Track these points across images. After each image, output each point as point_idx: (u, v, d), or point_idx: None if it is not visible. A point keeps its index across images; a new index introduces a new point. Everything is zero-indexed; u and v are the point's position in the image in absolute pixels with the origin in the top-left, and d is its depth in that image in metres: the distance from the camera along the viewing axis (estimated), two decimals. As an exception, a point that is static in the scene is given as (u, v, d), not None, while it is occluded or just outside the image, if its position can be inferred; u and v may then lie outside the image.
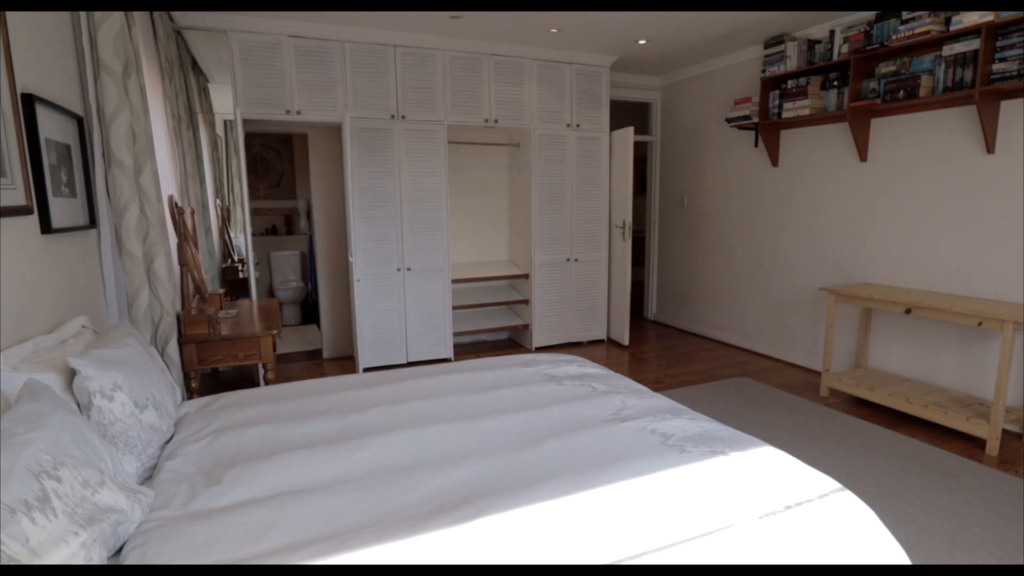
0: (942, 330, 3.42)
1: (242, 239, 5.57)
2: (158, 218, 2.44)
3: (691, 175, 5.31)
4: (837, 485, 1.33)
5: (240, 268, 5.16)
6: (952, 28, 3.05)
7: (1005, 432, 3.11)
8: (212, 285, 3.93)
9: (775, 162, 4.40)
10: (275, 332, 2.64)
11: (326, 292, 4.64)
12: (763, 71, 4.19)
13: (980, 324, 2.87)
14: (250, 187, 6.24)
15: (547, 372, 2.11)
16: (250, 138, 6.11)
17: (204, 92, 4.76)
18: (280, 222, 6.51)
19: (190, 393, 2.60)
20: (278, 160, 6.38)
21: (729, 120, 4.46)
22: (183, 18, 3.54)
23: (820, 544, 1.15)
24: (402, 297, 4.33)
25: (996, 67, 2.93)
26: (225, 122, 5.97)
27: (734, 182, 4.83)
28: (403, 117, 4.14)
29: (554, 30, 3.99)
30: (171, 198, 2.92)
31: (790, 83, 4.01)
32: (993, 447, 2.87)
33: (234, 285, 4.82)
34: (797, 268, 4.33)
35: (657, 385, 3.92)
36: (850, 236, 3.92)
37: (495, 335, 5.26)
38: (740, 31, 4.06)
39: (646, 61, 4.90)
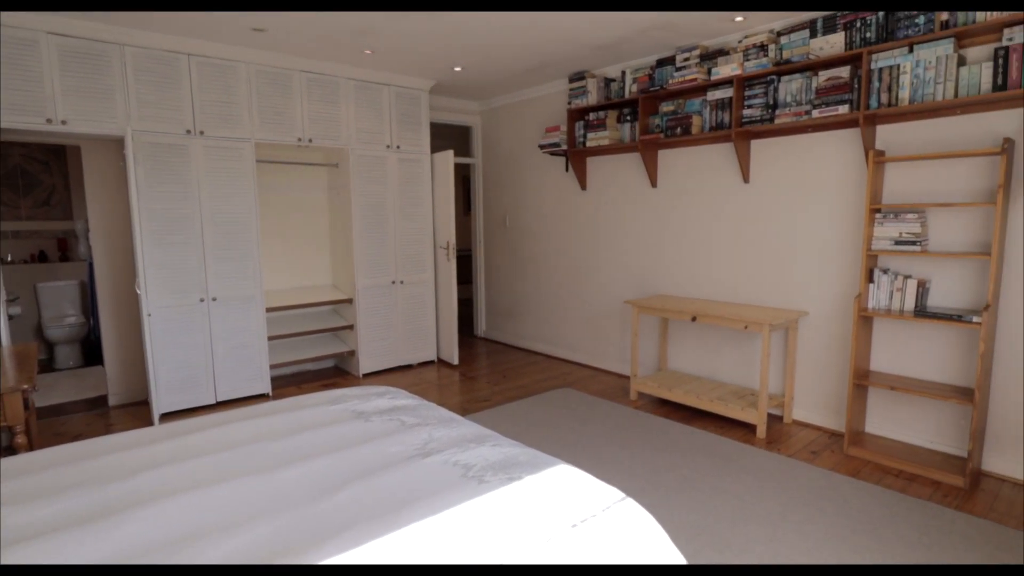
0: (720, 333, 3.96)
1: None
2: None
3: (512, 197, 5.56)
4: (620, 495, 1.45)
5: (-9, 305, 4.24)
6: (713, 78, 3.57)
7: (770, 416, 3.68)
8: (-56, 330, 3.18)
9: (584, 186, 4.78)
10: (25, 387, 2.19)
11: (111, 328, 4.02)
12: (569, 103, 4.54)
13: (746, 327, 3.37)
14: (8, 205, 5.21)
15: (356, 408, 2.02)
16: (7, 147, 5.12)
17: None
18: (51, 247, 5.52)
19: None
20: (46, 174, 5.42)
21: (541, 146, 4.76)
22: None
23: (603, 557, 1.24)
24: (207, 330, 3.90)
25: (746, 112, 3.50)
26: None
27: (549, 204, 5.15)
28: (201, 133, 3.76)
29: (368, 51, 3.92)
30: None
31: (591, 115, 4.39)
32: (762, 430, 3.38)
33: (-19, 327, 3.95)
34: (608, 283, 4.73)
35: (484, 403, 4.00)
36: (648, 253, 4.39)
37: (320, 364, 4.98)
38: (546, 66, 4.35)
39: (465, 87, 5.04)
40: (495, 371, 4.84)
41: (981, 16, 2.64)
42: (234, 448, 1.70)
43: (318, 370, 4.92)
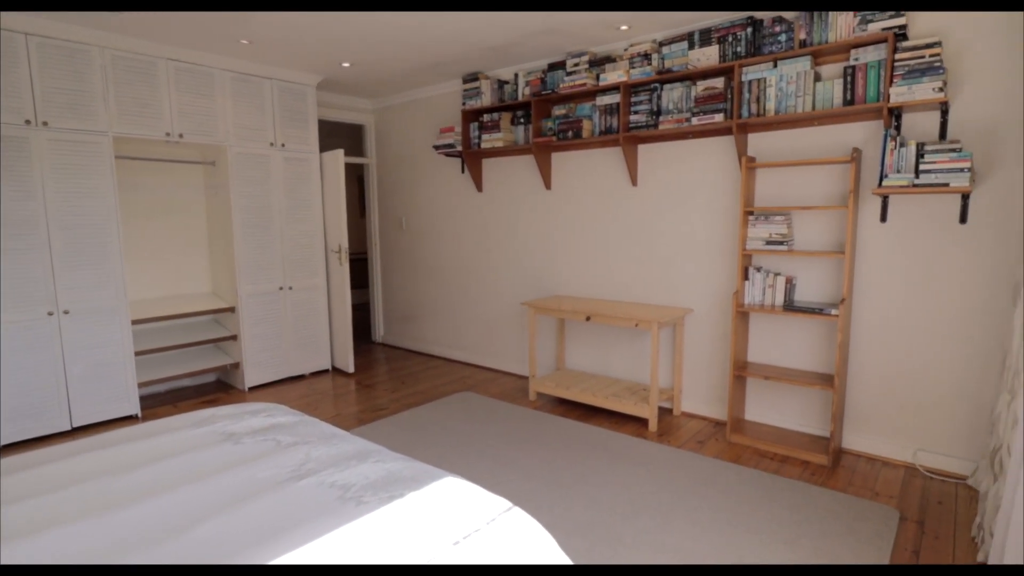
0: (614, 332, 4.08)
1: None
2: None
3: (407, 198, 5.43)
4: (506, 505, 1.41)
5: None
6: (601, 83, 3.67)
7: (661, 409, 3.84)
8: None
9: (479, 188, 4.76)
10: None
11: (-67, 351, 3.44)
12: (463, 104, 4.49)
13: (636, 325, 3.48)
14: None
15: (226, 430, 1.84)
16: None
17: None
18: None
19: None
20: None
21: (436, 147, 4.67)
22: None
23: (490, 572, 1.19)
24: (58, 347, 3.44)
25: (632, 118, 3.62)
26: None
27: (446, 205, 5.08)
28: (45, 124, 3.31)
29: (245, 41, 3.65)
30: None
31: (486, 117, 4.37)
32: (653, 424, 3.51)
33: None
34: (506, 284, 4.73)
35: (381, 412, 3.85)
36: (545, 254, 4.44)
37: (200, 379, 4.58)
38: (439, 65, 4.28)
39: (356, 83, 4.85)
40: (393, 377, 4.69)
41: (832, 36, 2.91)
42: (72, 485, 1.47)
43: (198, 386, 4.51)
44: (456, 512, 1.35)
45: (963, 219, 2.75)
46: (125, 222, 4.10)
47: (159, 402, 4.14)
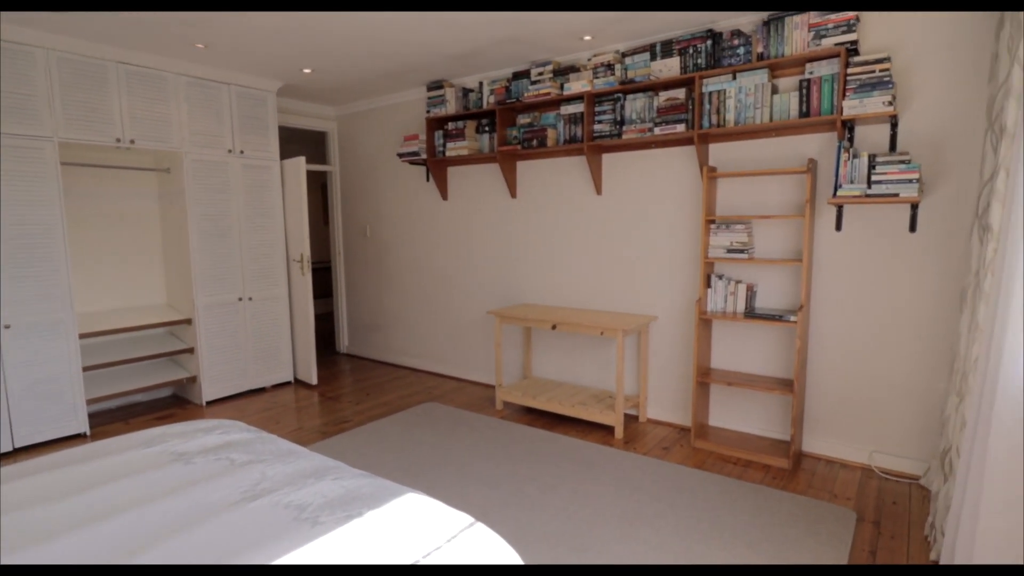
0: (580, 340, 4.09)
1: None
2: None
3: (372, 206, 5.35)
4: (468, 521, 1.38)
5: None
6: (565, 93, 3.69)
7: (627, 416, 3.86)
8: None
9: (445, 196, 4.72)
10: None
11: None
12: (428, 111, 4.46)
13: (602, 333, 3.50)
14: None
15: (176, 449, 1.75)
16: None
17: None
18: None
19: None
20: None
21: (400, 155, 4.62)
22: None
23: (447, 592, 1.16)
24: (-2, 364, 3.27)
25: (596, 127, 3.65)
26: None
27: (411, 213, 5.03)
28: (-16, 128, 3.16)
29: (200, 45, 3.55)
30: None
31: (450, 125, 4.35)
32: (619, 431, 3.52)
33: None
34: (473, 293, 4.70)
35: (344, 424, 3.77)
36: (511, 263, 4.43)
37: (154, 394, 4.40)
38: (403, 72, 4.24)
39: (318, 90, 4.77)
40: (358, 389, 4.60)
41: (788, 50, 2.99)
42: (10, 512, 1.38)
43: (152, 401, 4.34)
44: (416, 530, 1.31)
45: (912, 228, 2.86)
46: (74, 231, 3.93)
47: (110, 419, 3.96)
